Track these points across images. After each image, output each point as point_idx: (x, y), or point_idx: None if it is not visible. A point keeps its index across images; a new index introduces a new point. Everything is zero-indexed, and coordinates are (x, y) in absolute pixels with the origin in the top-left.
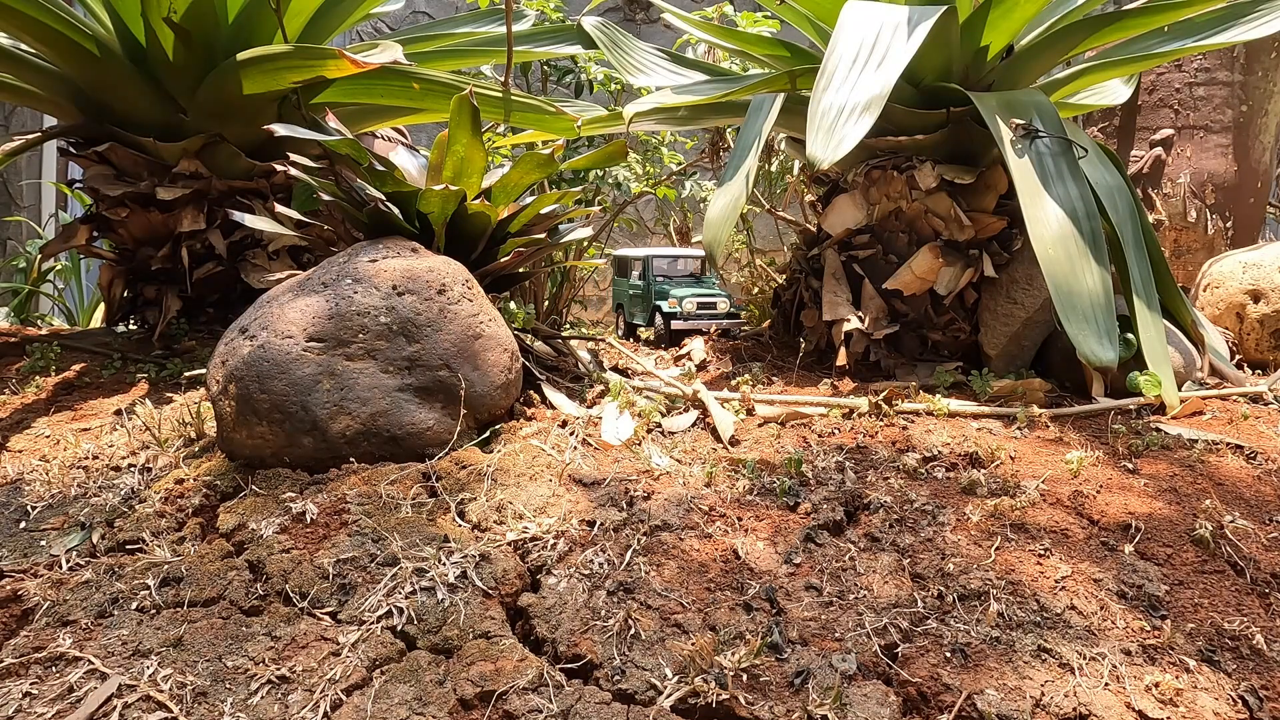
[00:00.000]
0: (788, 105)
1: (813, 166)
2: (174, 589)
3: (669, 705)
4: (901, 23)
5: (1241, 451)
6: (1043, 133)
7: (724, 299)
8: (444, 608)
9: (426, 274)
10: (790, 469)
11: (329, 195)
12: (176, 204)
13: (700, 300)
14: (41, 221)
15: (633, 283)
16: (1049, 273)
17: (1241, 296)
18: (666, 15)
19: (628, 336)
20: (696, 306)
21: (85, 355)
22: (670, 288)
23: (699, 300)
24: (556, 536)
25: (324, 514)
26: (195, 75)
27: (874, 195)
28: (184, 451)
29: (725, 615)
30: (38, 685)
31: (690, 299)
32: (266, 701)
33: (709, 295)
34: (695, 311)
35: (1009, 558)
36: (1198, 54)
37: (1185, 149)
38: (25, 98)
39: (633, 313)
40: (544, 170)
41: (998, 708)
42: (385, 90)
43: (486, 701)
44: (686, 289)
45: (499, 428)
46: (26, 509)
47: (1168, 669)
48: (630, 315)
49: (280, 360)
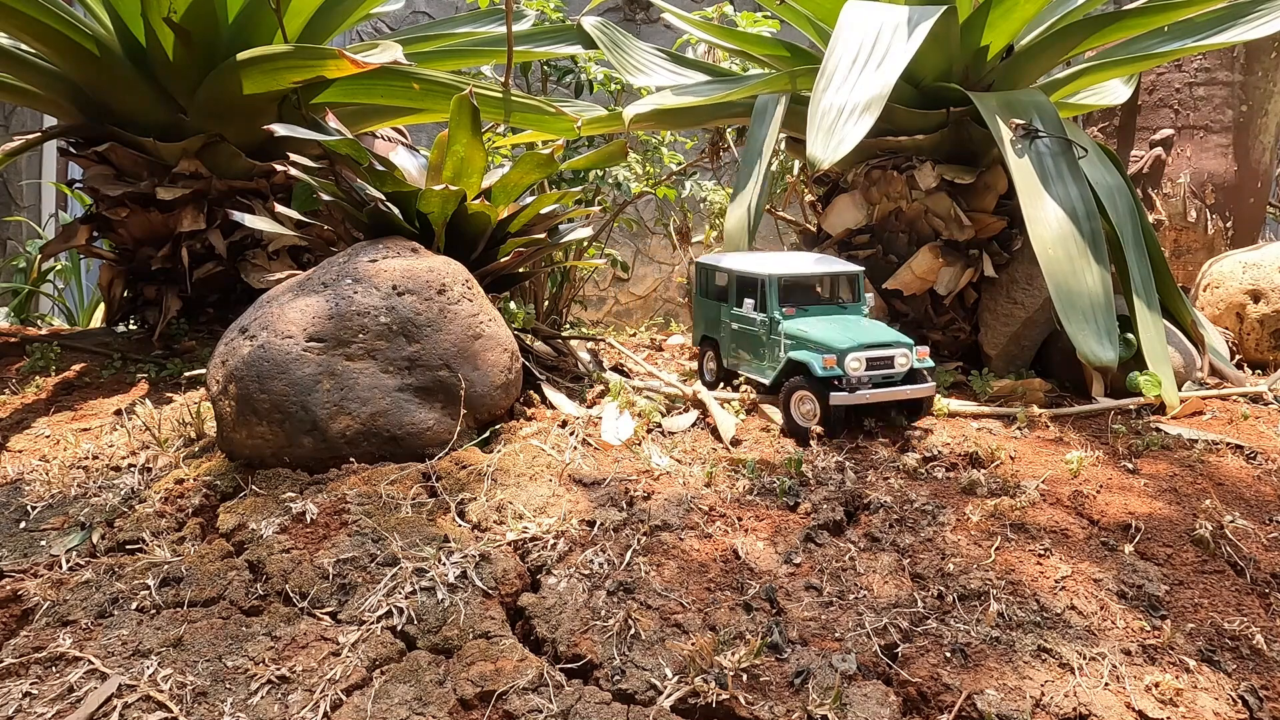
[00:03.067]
0: (789, 106)
1: (813, 166)
2: (174, 589)
3: (669, 705)
4: (901, 23)
5: (1241, 451)
6: (1043, 133)
7: (903, 349)
8: (444, 608)
9: (426, 274)
10: (790, 469)
11: (329, 195)
12: (176, 204)
13: (872, 356)
14: (41, 221)
15: (738, 312)
16: (1049, 273)
17: (1241, 296)
18: (666, 15)
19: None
20: (866, 367)
21: (85, 355)
22: (807, 326)
23: (869, 356)
24: (556, 536)
25: (324, 514)
26: (195, 75)
27: (874, 195)
28: (184, 451)
29: (725, 615)
30: (38, 685)
31: (856, 353)
32: (266, 701)
33: (881, 343)
34: (865, 374)
35: (1009, 558)
36: (1198, 54)
37: (1185, 149)
38: (25, 98)
39: (738, 357)
40: (544, 170)
41: (998, 708)
42: (385, 90)
43: (486, 701)
44: (838, 328)
45: (499, 428)
46: (26, 509)
47: (1168, 669)
48: (732, 360)
49: (280, 360)
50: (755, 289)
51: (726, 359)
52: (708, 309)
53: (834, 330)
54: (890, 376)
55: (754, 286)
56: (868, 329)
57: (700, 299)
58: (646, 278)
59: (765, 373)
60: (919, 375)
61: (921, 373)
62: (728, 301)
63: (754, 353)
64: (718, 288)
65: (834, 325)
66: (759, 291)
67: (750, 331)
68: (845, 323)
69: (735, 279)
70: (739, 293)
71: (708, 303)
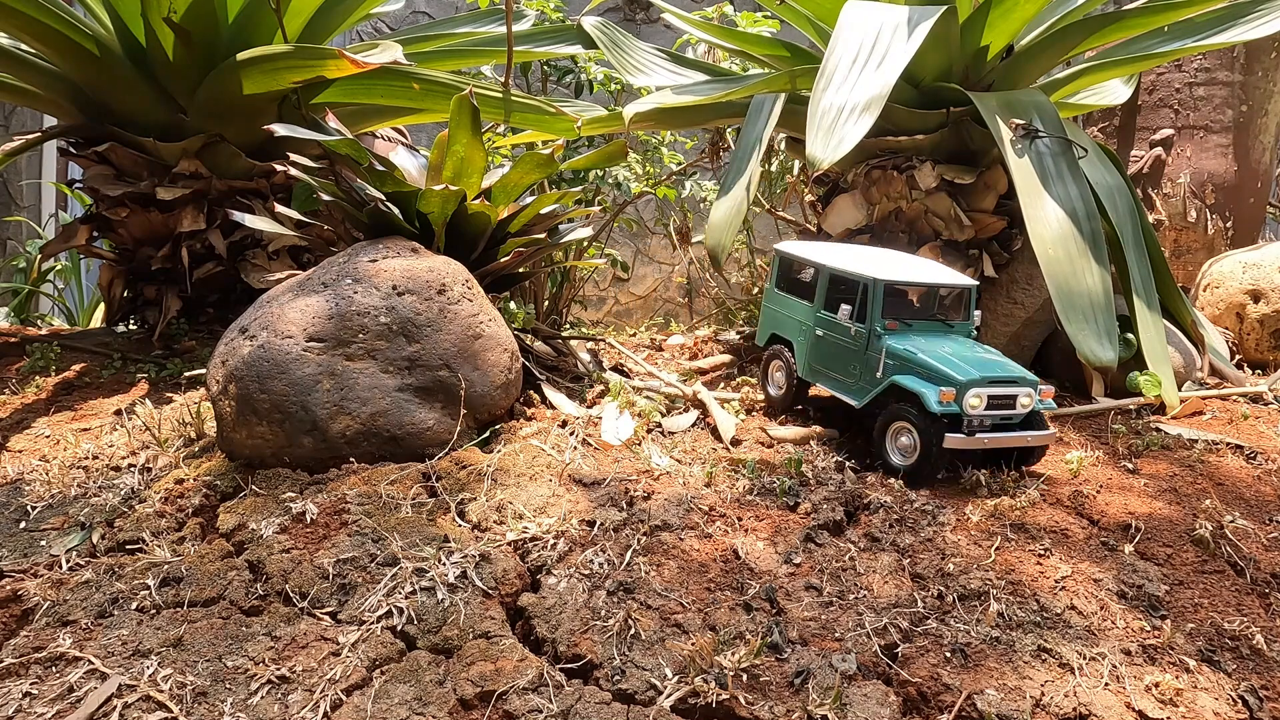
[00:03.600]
0: (788, 105)
1: (813, 166)
2: (174, 589)
3: (669, 705)
4: (901, 23)
5: (1241, 451)
6: (1043, 133)
7: (1028, 387)
8: (444, 608)
9: (426, 274)
10: (790, 469)
11: (329, 195)
12: (176, 204)
13: (995, 394)
14: (41, 221)
15: (827, 317)
16: (1049, 273)
17: (1241, 296)
18: (666, 15)
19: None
20: (987, 405)
21: (85, 355)
22: (917, 347)
23: (992, 394)
24: (556, 536)
25: (324, 514)
26: (195, 75)
27: (874, 195)
28: (184, 451)
29: (725, 615)
30: (38, 685)
31: (978, 388)
32: (266, 701)
33: (1006, 379)
34: (984, 413)
35: (1009, 558)
36: (1198, 54)
37: (1185, 149)
38: (25, 98)
39: (820, 369)
40: (544, 170)
41: (998, 708)
42: (385, 90)
43: (486, 701)
44: (954, 354)
45: (499, 428)
46: (26, 509)
47: (1168, 669)
48: (811, 371)
49: (280, 360)
50: (854, 293)
51: (805, 369)
52: (783, 305)
53: (950, 356)
54: (1009, 418)
55: (853, 290)
56: (988, 359)
57: (774, 292)
58: (646, 278)
59: (855, 393)
60: (1038, 419)
61: (1041, 416)
62: (813, 302)
63: (843, 368)
64: (800, 282)
65: (948, 349)
66: (859, 297)
67: (841, 342)
68: (959, 347)
69: (828, 277)
70: (830, 293)
71: (784, 298)
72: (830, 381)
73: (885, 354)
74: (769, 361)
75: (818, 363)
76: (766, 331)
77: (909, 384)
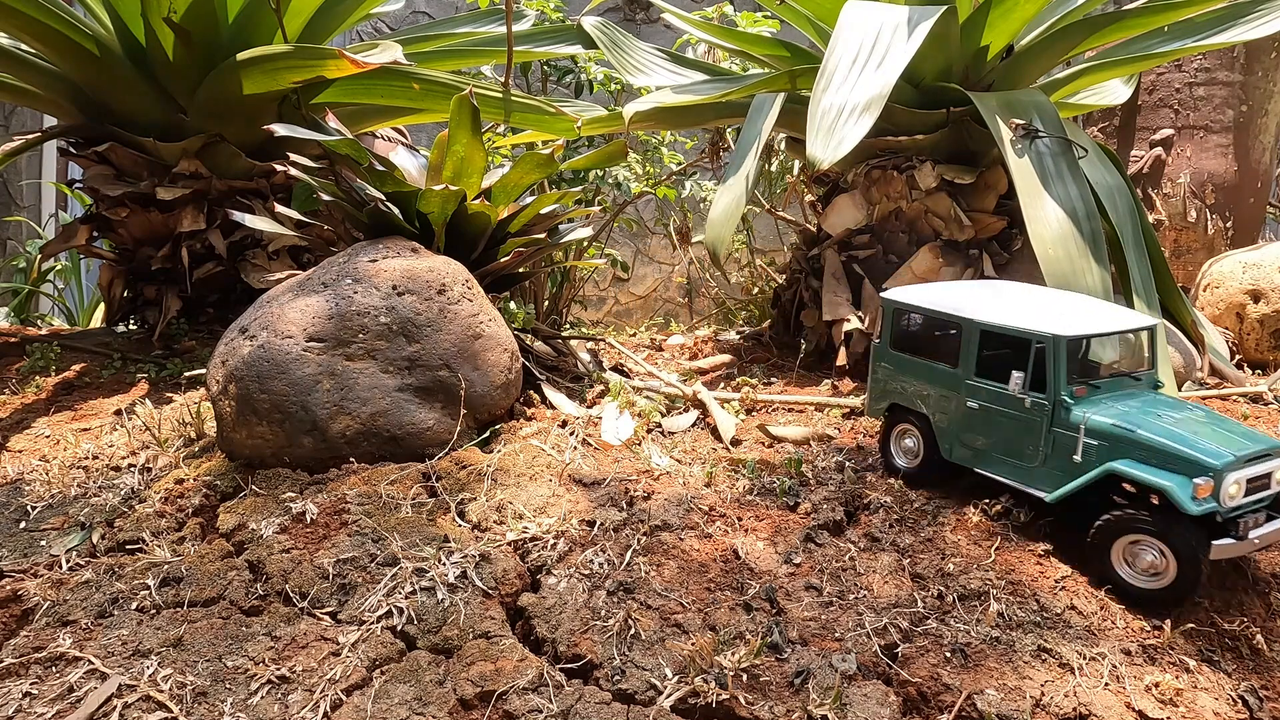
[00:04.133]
0: (788, 105)
1: (813, 166)
2: (174, 589)
3: (669, 705)
4: (901, 23)
5: None
6: (1043, 133)
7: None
8: (444, 608)
9: (426, 274)
10: (790, 469)
11: (329, 195)
12: (176, 204)
13: (1250, 474)
14: (41, 221)
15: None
16: (1049, 273)
17: (1241, 296)
18: (666, 15)
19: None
20: (1245, 490)
21: (85, 355)
22: (1124, 419)
23: (1248, 475)
24: (556, 536)
25: (324, 514)
26: (195, 75)
27: (874, 195)
28: (184, 451)
29: (725, 615)
30: (38, 685)
31: (1234, 471)
32: (266, 701)
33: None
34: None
35: (1009, 558)
36: (1198, 54)
37: (1185, 149)
38: (25, 98)
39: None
40: (544, 170)
41: (998, 707)
42: (385, 90)
43: (486, 701)
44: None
45: (499, 428)
46: (26, 509)
47: (1168, 669)
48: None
49: (280, 360)
50: (1016, 351)
51: (953, 450)
52: (902, 369)
53: (1179, 430)
54: (1260, 501)
55: (1022, 350)
56: (1226, 430)
57: (887, 352)
58: (646, 278)
59: (1040, 481)
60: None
61: None
62: (958, 366)
63: (1014, 449)
64: (923, 339)
65: (1169, 418)
66: (1030, 358)
67: (1009, 416)
68: (1176, 412)
69: (977, 333)
70: (982, 354)
71: (903, 360)
72: (997, 466)
73: (1086, 431)
74: (891, 428)
75: (973, 443)
76: (882, 402)
77: (1140, 475)
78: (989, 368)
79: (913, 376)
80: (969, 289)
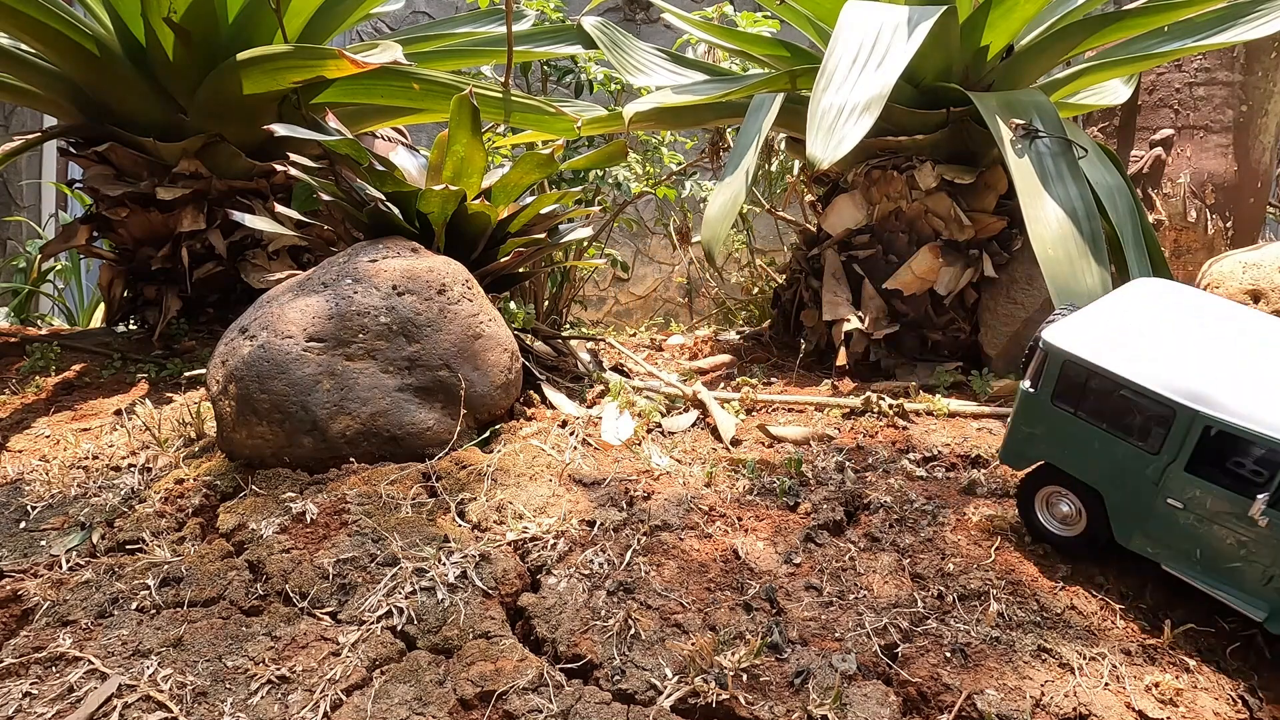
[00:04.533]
0: (788, 105)
1: (813, 166)
2: (174, 589)
3: (669, 705)
4: (901, 23)
5: None
6: (1043, 133)
7: None
8: (444, 608)
9: (426, 274)
10: (790, 469)
11: (329, 195)
12: (176, 204)
13: None
14: (41, 221)
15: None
16: (1049, 273)
17: (1241, 296)
18: (666, 15)
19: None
20: None
21: (85, 355)
22: None
23: None
24: (556, 536)
25: (324, 514)
26: (195, 75)
27: (874, 195)
28: (184, 451)
29: (725, 615)
30: (38, 685)
31: None
32: (266, 701)
33: None
34: None
35: (1009, 558)
36: (1198, 54)
37: (1185, 149)
38: (25, 98)
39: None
40: (544, 170)
41: (998, 708)
42: (385, 90)
43: (486, 701)
44: None
45: (499, 428)
46: (26, 509)
47: (1168, 669)
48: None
49: (280, 360)
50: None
51: (1132, 537)
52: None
53: None
54: None
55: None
56: None
57: (1045, 405)
58: (646, 278)
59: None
60: None
61: None
62: (1161, 452)
63: (1231, 563)
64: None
65: None
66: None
67: (1233, 530)
68: None
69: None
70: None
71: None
72: (1203, 576)
73: None
74: (1035, 489)
75: (1166, 539)
76: (1027, 454)
77: None
78: (1208, 466)
79: (1081, 442)
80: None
